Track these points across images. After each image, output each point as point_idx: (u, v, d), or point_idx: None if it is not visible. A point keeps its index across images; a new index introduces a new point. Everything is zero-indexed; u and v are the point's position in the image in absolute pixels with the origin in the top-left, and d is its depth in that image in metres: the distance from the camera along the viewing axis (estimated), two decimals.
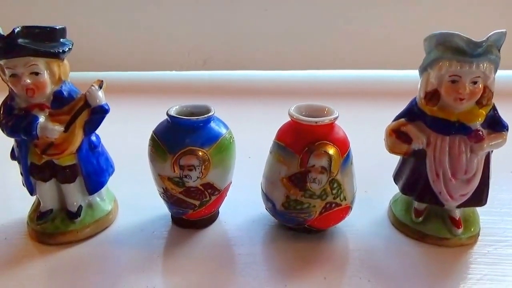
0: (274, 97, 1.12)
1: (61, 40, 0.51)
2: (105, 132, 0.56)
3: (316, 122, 0.50)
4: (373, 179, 0.67)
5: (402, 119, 0.54)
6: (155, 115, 0.59)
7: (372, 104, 1.09)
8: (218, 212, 0.60)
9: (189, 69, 1.27)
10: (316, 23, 1.23)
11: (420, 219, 0.56)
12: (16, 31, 0.47)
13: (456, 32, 0.47)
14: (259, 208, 0.58)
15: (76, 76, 0.54)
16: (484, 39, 0.46)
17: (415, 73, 0.54)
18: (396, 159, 0.58)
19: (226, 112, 0.60)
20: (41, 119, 0.50)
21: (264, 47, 1.25)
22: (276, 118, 0.56)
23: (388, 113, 0.57)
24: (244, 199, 0.62)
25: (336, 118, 0.51)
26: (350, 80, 1.26)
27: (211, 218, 0.58)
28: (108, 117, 0.53)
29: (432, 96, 0.51)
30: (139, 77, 1.28)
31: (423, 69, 0.51)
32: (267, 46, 1.25)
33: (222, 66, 1.27)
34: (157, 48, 1.26)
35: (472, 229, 0.55)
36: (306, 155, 0.50)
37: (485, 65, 0.48)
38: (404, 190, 0.56)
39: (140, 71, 1.29)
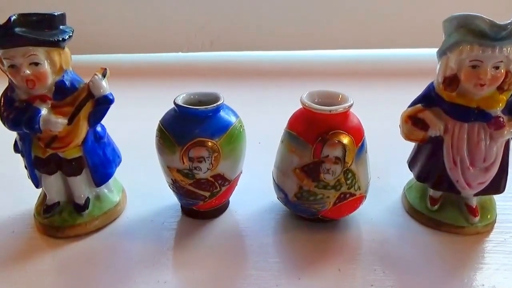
0: (284, 79, 1.09)
1: (61, 27, 0.49)
2: (110, 119, 0.53)
3: (330, 111, 0.48)
4: (385, 164, 0.66)
5: (419, 105, 0.52)
6: (161, 99, 0.56)
7: (385, 84, 1.06)
8: (229, 202, 0.59)
9: (196, 51, 1.24)
10: (329, 1, 1.18)
11: (436, 207, 0.54)
12: (12, 19, 0.45)
13: (478, 14, 0.45)
14: (270, 196, 0.57)
15: (77, 60, 0.51)
16: (509, 21, 0.44)
17: (429, 51, 0.51)
18: (410, 143, 0.55)
19: (234, 95, 0.58)
20: (44, 111, 0.48)
21: (274, 27, 1.21)
22: (286, 100, 0.54)
23: (402, 94, 0.55)
24: (254, 187, 0.61)
25: (350, 106, 0.49)
26: (363, 60, 1.22)
27: (222, 208, 0.57)
28: None
29: (451, 81, 0.48)
30: (144, 60, 1.24)
31: (442, 53, 0.49)
32: (276, 26, 1.21)
33: (230, 47, 1.23)
34: (163, 29, 1.22)
35: (488, 217, 0.54)
36: (320, 145, 0.48)
37: (508, 49, 0.45)
38: (420, 177, 0.55)
39: (144, 53, 1.25)
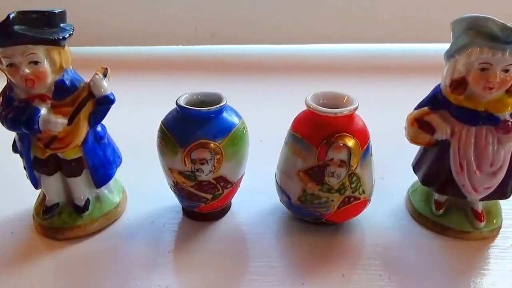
0: (287, 73, 1.07)
1: (61, 25, 0.48)
2: (109, 117, 0.52)
3: (335, 113, 0.47)
4: (389, 164, 0.65)
5: (425, 108, 0.51)
6: (161, 95, 0.55)
7: (390, 80, 1.04)
8: (231, 203, 0.58)
9: (197, 44, 1.21)
10: None
11: (441, 211, 0.54)
12: (11, 17, 0.43)
13: (489, 16, 0.44)
14: (272, 198, 0.56)
15: (75, 52, 0.50)
16: None
17: (436, 46, 0.50)
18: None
19: (235, 89, 0.56)
20: (43, 111, 0.47)
21: (276, 20, 1.18)
22: (289, 96, 0.53)
23: (407, 91, 0.54)
24: (256, 188, 0.60)
25: (356, 109, 0.48)
26: (368, 54, 1.19)
27: (224, 210, 0.56)
28: None
29: (459, 84, 0.47)
30: (143, 52, 1.22)
31: (450, 55, 0.48)
32: (279, 18, 1.18)
33: (231, 40, 1.21)
34: (163, 22, 1.19)
35: (494, 221, 0.53)
36: (324, 148, 0.47)
37: None
38: (425, 181, 0.54)
39: (144, 45, 1.22)
